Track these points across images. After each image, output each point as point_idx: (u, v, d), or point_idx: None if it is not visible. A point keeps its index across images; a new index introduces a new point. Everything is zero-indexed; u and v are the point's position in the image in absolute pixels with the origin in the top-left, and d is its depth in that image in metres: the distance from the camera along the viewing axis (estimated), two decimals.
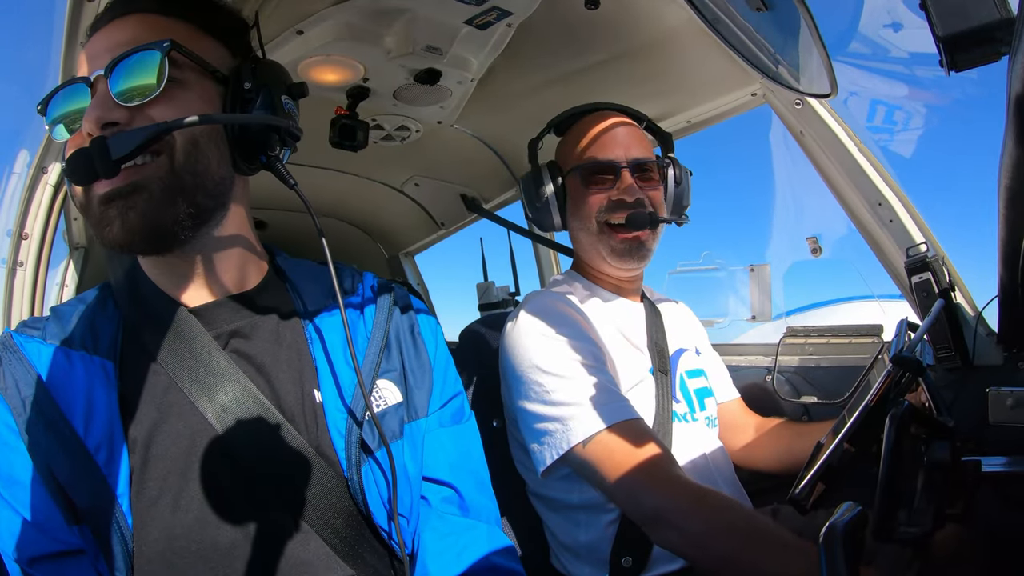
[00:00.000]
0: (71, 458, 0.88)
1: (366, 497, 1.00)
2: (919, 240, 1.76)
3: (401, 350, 1.15)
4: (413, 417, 1.11)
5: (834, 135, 1.85)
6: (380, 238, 4.08)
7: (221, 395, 0.96)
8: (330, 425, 1.01)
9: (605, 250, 1.66)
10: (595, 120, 1.74)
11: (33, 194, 1.54)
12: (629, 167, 1.64)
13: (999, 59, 0.70)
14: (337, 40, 1.73)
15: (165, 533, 0.89)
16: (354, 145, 2.06)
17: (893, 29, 2.14)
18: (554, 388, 1.43)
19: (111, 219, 0.92)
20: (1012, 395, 1.50)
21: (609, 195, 1.64)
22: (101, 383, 0.94)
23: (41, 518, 0.88)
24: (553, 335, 1.50)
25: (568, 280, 1.80)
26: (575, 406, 1.40)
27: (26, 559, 0.87)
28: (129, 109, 0.93)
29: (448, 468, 1.12)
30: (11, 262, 1.54)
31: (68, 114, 0.96)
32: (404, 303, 1.22)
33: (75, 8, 1.28)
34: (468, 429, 1.21)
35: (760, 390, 2.16)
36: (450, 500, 1.11)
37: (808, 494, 0.95)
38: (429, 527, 1.08)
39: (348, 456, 1.00)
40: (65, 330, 0.99)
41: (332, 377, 1.05)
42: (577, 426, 1.38)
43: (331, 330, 1.09)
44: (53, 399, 0.91)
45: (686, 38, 1.81)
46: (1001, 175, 0.85)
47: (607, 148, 1.67)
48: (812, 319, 2.98)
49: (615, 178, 1.64)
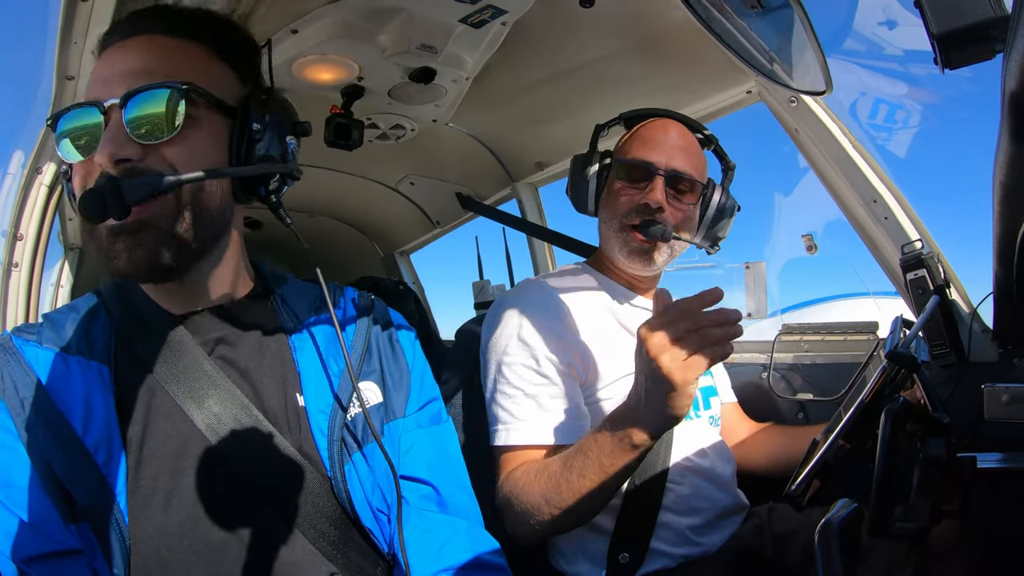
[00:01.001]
0: (70, 456, 0.90)
1: (350, 495, 1.03)
2: (914, 237, 1.76)
3: (380, 355, 1.20)
4: (392, 417, 1.15)
5: (829, 132, 1.85)
6: (375, 237, 4.08)
7: (208, 399, 1.00)
8: (313, 427, 1.05)
9: (619, 246, 1.66)
10: (657, 123, 1.71)
11: (28, 195, 1.53)
12: (664, 175, 1.61)
13: (993, 57, 0.70)
14: (332, 38, 1.73)
15: (158, 531, 0.92)
16: (349, 144, 2.06)
17: (888, 27, 2.15)
18: (505, 392, 1.53)
19: (118, 252, 0.94)
20: (1007, 391, 1.51)
21: (636, 197, 1.62)
22: (98, 386, 0.96)
23: (38, 519, 0.89)
24: (520, 340, 1.56)
25: (577, 271, 1.78)
26: (513, 417, 1.51)
27: (23, 559, 0.88)
28: (143, 146, 0.94)
29: (426, 467, 1.16)
30: (6, 263, 1.53)
31: (75, 129, 0.97)
32: (383, 315, 1.28)
33: (69, 8, 1.27)
34: (446, 431, 1.26)
35: (756, 387, 2.16)
36: (429, 497, 1.15)
37: (804, 490, 0.96)
38: (409, 524, 1.10)
39: (331, 455, 1.04)
40: (60, 335, 1.01)
41: (314, 382, 1.09)
42: (506, 432, 1.50)
43: (312, 339, 1.14)
44: (51, 400, 0.93)
45: (681, 36, 1.81)
46: (996, 172, 0.86)
47: (651, 151, 1.64)
48: (808, 316, 2.99)
49: (648, 182, 1.62)
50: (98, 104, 0.95)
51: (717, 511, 1.59)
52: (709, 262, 2.98)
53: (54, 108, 1.47)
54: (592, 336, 1.59)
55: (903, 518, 0.88)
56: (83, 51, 1.36)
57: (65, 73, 1.42)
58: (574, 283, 1.71)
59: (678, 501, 1.54)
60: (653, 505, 1.52)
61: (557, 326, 1.56)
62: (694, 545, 1.53)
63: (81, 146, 0.96)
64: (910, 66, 2.27)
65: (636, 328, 1.54)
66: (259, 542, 0.97)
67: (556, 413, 1.49)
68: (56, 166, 1.54)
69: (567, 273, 1.78)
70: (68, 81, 1.44)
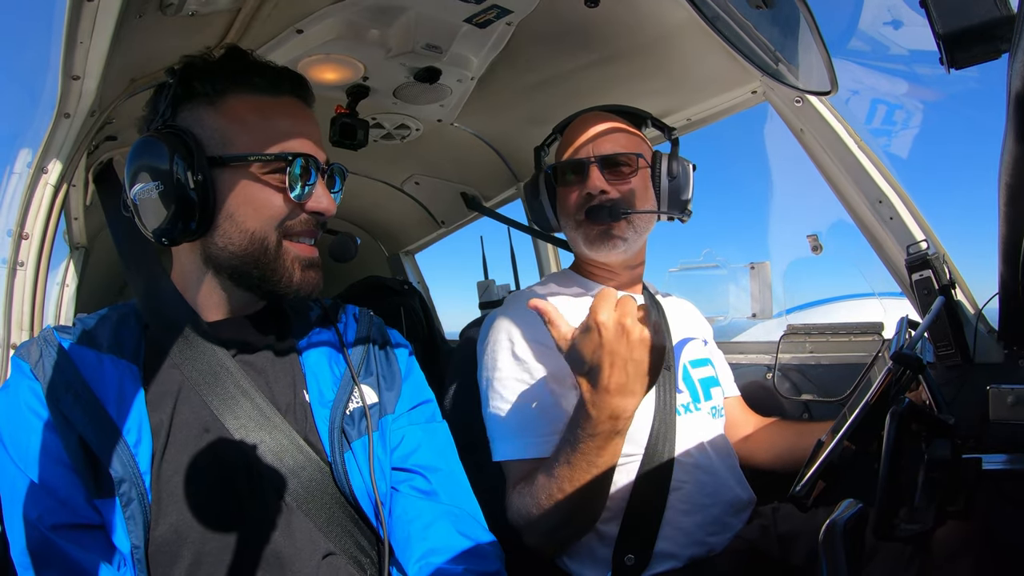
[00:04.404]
0: (105, 435, 1.03)
1: (349, 481, 1.17)
2: (920, 237, 1.76)
3: (376, 363, 1.34)
4: (383, 414, 1.28)
5: (834, 132, 1.85)
6: (380, 237, 4.08)
7: (229, 395, 1.13)
8: (317, 419, 1.20)
9: (581, 241, 1.70)
10: (578, 121, 1.77)
11: (33, 194, 1.53)
12: (597, 163, 1.66)
13: (999, 57, 0.70)
14: (337, 39, 1.73)
15: (177, 509, 1.04)
16: (354, 144, 2.07)
17: (893, 26, 2.14)
18: (499, 407, 1.58)
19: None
20: (1013, 392, 1.50)
21: (580, 191, 1.67)
22: (129, 379, 1.10)
23: (63, 494, 1.02)
24: (513, 355, 1.60)
25: (560, 279, 1.83)
26: (509, 430, 1.55)
27: (48, 526, 1.00)
28: None
29: (419, 459, 1.29)
30: (11, 262, 1.54)
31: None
32: (380, 330, 1.43)
33: (74, 8, 1.28)
34: (439, 429, 1.38)
35: (761, 388, 2.16)
36: (419, 486, 1.27)
37: (808, 492, 0.96)
38: (399, 508, 1.24)
39: (331, 442, 1.18)
40: (93, 335, 1.14)
41: (318, 382, 1.24)
42: (503, 447, 1.55)
43: (318, 346, 1.30)
44: (88, 386, 1.07)
45: (686, 36, 1.81)
46: (1001, 172, 0.85)
47: (578, 147, 1.70)
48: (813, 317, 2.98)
49: (585, 175, 1.66)
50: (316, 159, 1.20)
51: (723, 506, 1.59)
52: (713, 263, 2.98)
53: (59, 107, 1.47)
54: None
55: (908, 519, 0.88)
56: (88, 51, 1.37)
57: (71, 73, 1.43)
58: (560, 291, 1.75)
59: (683, 499, 1.55)
60: (658, 505, 1.52)
61: (548, 338, 1.56)
62: (701, 545, 1.53)
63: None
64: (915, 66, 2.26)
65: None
66: (266, 521, 1.10)
67: (551, 425, 1.50)
68: (62, 165, 1.54)
69: (553, 281, 1.82)
70: (74, 81, 1.44)
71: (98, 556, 1.01)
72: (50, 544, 1.00)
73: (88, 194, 2.08)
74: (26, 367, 1.08)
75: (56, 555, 1.00)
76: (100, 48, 1.36)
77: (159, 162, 1.08)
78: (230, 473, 1.09)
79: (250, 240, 1.14)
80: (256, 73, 1.17)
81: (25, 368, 1.08)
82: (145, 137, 1.12)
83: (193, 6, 1.44)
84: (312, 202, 1.18)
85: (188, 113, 1.15)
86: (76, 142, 1.56)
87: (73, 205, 2.10)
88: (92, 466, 1.03)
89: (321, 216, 1.20)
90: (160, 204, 1.09)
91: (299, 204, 1.16)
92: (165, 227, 1.10)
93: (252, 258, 1.14)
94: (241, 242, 1.14)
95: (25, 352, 1.11)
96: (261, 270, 1.15)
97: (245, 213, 1.13)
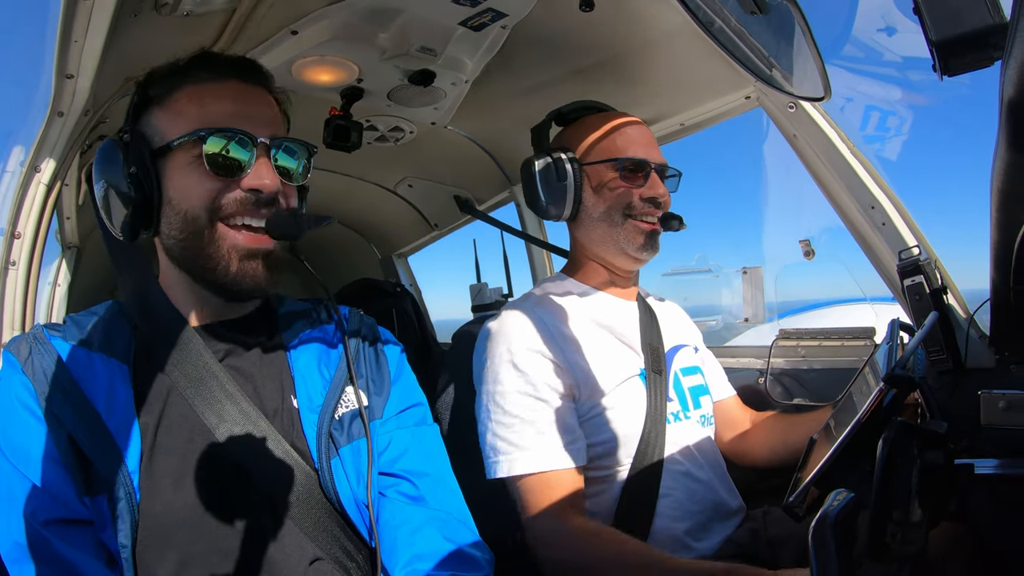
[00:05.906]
0: (94, 433, 1.04)
1: (335, 486, 1.15)
2: (911, 243, 1.77)
3: (366, 366, 1.32)
4: (371, 418, 1.26)
5: (827, 138, 1.86)
6: (373, 239, 4.07)
7: (216, 399, 1.13)
8: (304, 425, 1.19)
9: (624, 239, 1.68)
10: (622, 119, 1.75)
11: (26, 193, 1.52)
12: (656, 169, 1.68)
13: (992, 64, 0.70)
14: (331, 40, 1.73)
15: (166, 508, 1.04)
16: (348, 146, 2.07)
17: (887, 33, 2.16)
18: (501, 421, 1.54)
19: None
20: (1004, 397, 1.51)
21: (640, 192, 1.67)
22: (120, 379, 1.10)
23: (55, 489, 1.02)
24: (513, 366, 1.57)
25: (556, 284, 1.79)
26: (513, 446, 1.51)
27: (40, 521, 1.00)
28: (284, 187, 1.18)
29: (407, 463, 1.26)
30: (3, 261, 1.53)
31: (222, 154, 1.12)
32: (372, 331, 1.40)
33: (69, 6, 1.27)
34: (429, 432, 1.35)
35: (753, 392, 2.16)
36: (407, 491, 1.24)
37: (802, 502, 0.96)
38: (387, 513, 1.21)
39: (319, 448, 1.17)
40: (84, 334, 1.14)
41: (306, 387, 1.23)
42: (509, 463, 1.51)
43: (307, 350, 1.28)
44: (78, 385, 1.07)
45: (680, 41, 1.82)
46: (993, 178, 0.86)
47: (641, 147, 1.70)
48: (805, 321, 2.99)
49: (644, 177, 1.67)
50: (251, 136, 1.13)
51: (711, 513, 1.60)
52: (706, 267, 2.99)
53: (53, 106, 1.47)
54: (584, 349, 1.60)
55: (903, 540, 0.87)
56: (83, 49, 1.36)
57: (64, 71, 1.42)
58: (557, 298, 1.72)
59: (673, 506, 1.55)
60: (647, 512, 1.52)
61: (547, 348, 1.56)
62: (690, 550, 1.53)
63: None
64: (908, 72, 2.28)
65: (624, 333, 1.55)
66: (253, 526, 1.09)
67: (556, 436, 1.50)
68: (55, 164, 1.54)
69: (548, 288, 1.78)
70: (67, 79, 1.44)
71: (87, 554, 1.02)
72: (42, 540, 1.00)
73: (80, 193, 2.07)
74: (16, 363, 1.09)
75: (47, 551, 1.00)
76: (94, 47, 1.36)
77: (106, 163, 1.13)
78: (217, 477, 1.08)
79: (184, 222, 1.12)
80: (201, 65, 1.17)
81: (16, 364, 1.09)
82: (100, 145, 1.16)
83: (188, 6, 1.44)
84: (247, 179, 1.12)
85: (144, 119, 1.17)
86: (69, 141, 1.55)
87: (66, 204, 2.10)
88: (82, 464, 1.03)
89: (260, 193, 1.13)
90: (109, 202, 1.13)
91: (233, 181, 1.12)
92: (120, 222, 1.13)
93: (191, 244, 1.13)
94: (179, 226, 1.13)
95: (15, 348, 1.11)
96: (202, 259, 1.13)
97: (179, 197, 1.12)
